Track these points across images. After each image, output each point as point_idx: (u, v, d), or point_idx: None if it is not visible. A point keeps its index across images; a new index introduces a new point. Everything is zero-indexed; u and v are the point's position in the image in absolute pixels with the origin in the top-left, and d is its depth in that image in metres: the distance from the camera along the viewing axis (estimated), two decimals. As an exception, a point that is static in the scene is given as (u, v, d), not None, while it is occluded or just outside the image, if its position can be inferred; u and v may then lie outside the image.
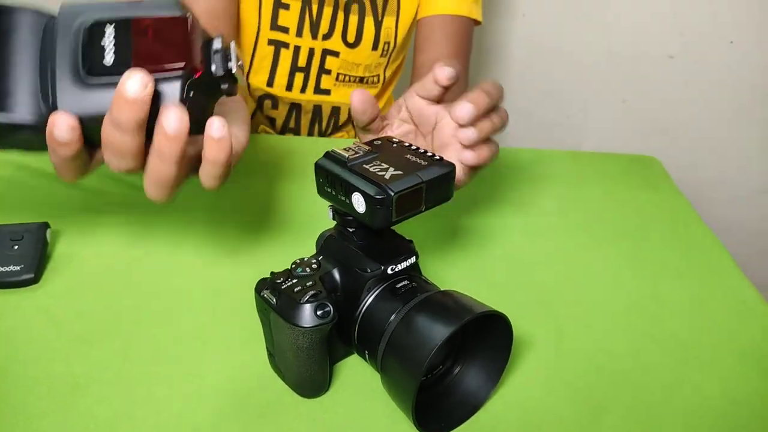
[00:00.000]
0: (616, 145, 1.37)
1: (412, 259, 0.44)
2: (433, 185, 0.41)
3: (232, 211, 0.65)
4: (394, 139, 0.46)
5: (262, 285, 0.44)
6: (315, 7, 0.81)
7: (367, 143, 0.44)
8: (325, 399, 0.45)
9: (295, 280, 0.43)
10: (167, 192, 0.39)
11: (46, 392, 0.44)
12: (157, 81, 0.34)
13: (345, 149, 0.43)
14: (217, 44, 0.36)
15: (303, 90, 0.88)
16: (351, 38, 0.85)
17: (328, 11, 0.82)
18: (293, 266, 0.45)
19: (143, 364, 0.47)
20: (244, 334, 0.49)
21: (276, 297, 0.42)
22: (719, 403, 0.46)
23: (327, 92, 0.89)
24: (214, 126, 0.36)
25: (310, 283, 0.43)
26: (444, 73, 0.49)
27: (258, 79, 0.85)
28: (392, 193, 0.39)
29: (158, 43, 0.34)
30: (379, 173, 0.40)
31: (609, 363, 0.49)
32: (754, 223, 1.34)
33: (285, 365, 0.44)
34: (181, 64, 0.34)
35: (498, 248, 0.63)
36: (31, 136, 0.35)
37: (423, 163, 0.42)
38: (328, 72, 0.87)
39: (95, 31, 0.35)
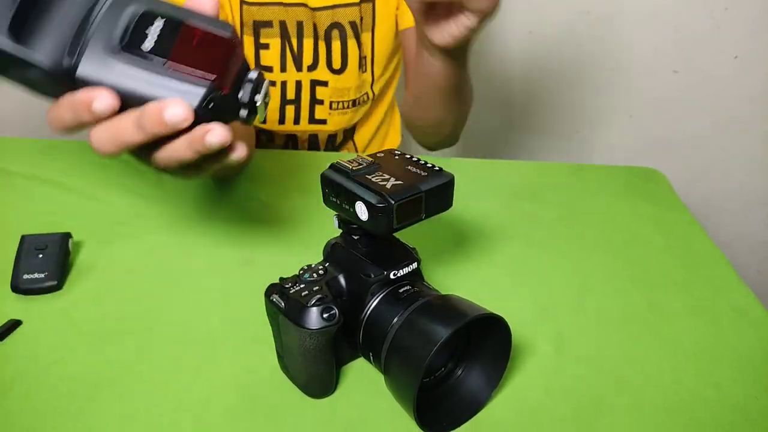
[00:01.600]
0: (624, 159, 1.39)
1: (414, 265, 0.47)
2: (432, 194, 0.43)
3: (244, 222, 0.68)
4: (396, 152, 0.48)
5: (271, 290, 0.46)
6: (295, 42, 0.82)
7: (370, 155, 0.47)
8: (332, 399, 0.47)
9: (302, 285, 0.45)
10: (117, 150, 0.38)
11: (67, 391, 0.46)
12: (183, 81, 0.36)
13: (349, 161, 0.45)
14: (252, 74, 0.39)
15: (297, 122, 0.89)
16: (337, 65, 0.85)
17: (308, 43, 0.82)
18: (301, 272, 0.47)
19: (157, 366, 0.49)
20: (254, 337, 0.52)
21: (285, 301, 0.44)
22: (716, 408, 0.48)
23: (323, 122, 0.90)
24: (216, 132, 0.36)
25: (317, 287, 0.45)
26: None
27: None
28: (393, 202, 0.41)
29: (199, 52, 0.37)
30: (381, 183, 0.43)
31: (608, 367, 0.51)
32: (763, 232, 1.34)
33: (293, 367, 0.47)
34: (212, 77, 0.36)
35: (500, 256, 0.65)
36: (39, 79, 0.36)
37: (423, 174, 0.44)
38: (321, 102, 0.88)
39: (145, 17, 0.37)
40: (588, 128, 1.46)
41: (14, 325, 0.52)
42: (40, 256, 0.57)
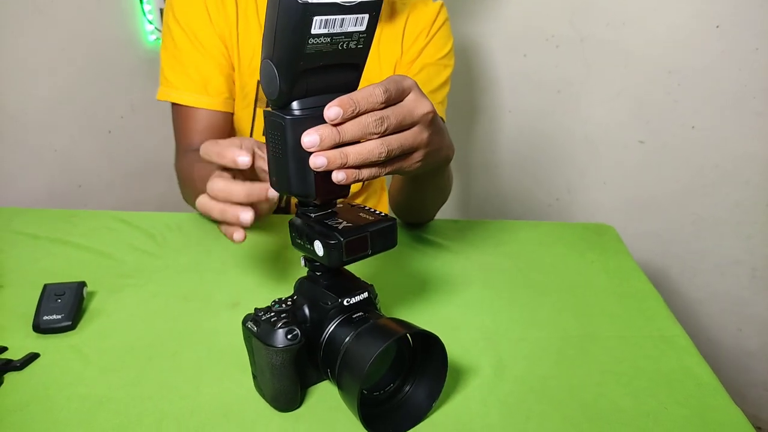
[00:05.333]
0: (603, 222, 1.48)
1: (365, 294, 0.56)
2: (376, 234, 0.53)
3: (233, 271, 0.78)
4: (353, 204, 0.59)
5: (247, 318, 0.55)
6: None
7: (329, 205, 0.57)
8: (297, 413, 0.55)
9: (272, 314, 0.54)
10: None
11: (75, 407, 0.55)
12: None
13: (311, 210, 0.56)
14: None
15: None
16: None
17: None
18: (273, 303, 0.56)
19: (150, 389, 0.57)
20: (235, 366, 0.60)
21: (257, 326, 0.54)
22: (631, 414, 0.54)
23: None
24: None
25: (284, 315, 0.54)
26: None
27: None
28: (342, 239, 0.51)
29: None
30: (335, 225, 0.53)
31: (539, 385, 0.58)
32: (736, 290, 1.40)
33: (264, 383, 0.55)
34: None
35: (458, 298, 0.73)
36: None
37: (371, 219, 0.54)
38: None
39: None
40: (567, 195, 1.57)
41: (33, 357, 0.61)
42: (59, 301, 0.67)
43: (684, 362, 0.62)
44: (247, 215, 0.54)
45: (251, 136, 0.96)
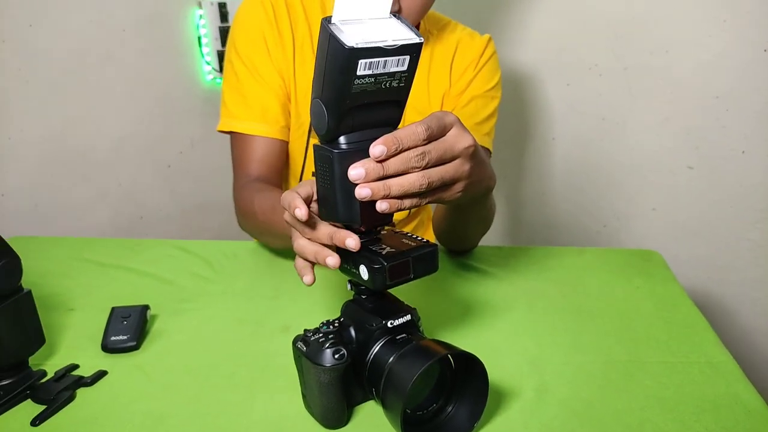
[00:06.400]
0: (652, 248, 1.46)
1: (408, 317, 0.58)
2: (418, 260, 0.55)
3: (284, 297, 0.82)
4: (397, 230, 0.62)
5: (297, 338, 0.59)
6: None
7: (374, 232, 0.60)
8: (344, 430, 0.57)
9: (320, 334, 0.58)
10: None
11: (139, 422, 0.59)
12: None
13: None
14: None
15: None
16: None
17: None
18: (321, 325, 0.59)
19: (207, 406, 0.61)
20: (286, 386, 0.63)
21: (306, 346, 0.57)
22: (678, 442, 0.54)
23: None
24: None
25: (332, 336, 0.57)
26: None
27: None
28: (385, 264, 0.54)
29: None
30: (379, 251, 0.56)
31: (583, 409, 0.59)
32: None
33: (312, 400, 0.58)
34: None
35: (501, 322, 0.75)
36: None
37: (413, 244, 0.57)
38: None
39: None
40: (616, 222, 1.55)
41: (101, 374, 0.66)
42: (124, 323, 0.72)
43: (732, 389, 0.61)
44: (332, 260, 0.56)
45: (304, 163, 1.01)
